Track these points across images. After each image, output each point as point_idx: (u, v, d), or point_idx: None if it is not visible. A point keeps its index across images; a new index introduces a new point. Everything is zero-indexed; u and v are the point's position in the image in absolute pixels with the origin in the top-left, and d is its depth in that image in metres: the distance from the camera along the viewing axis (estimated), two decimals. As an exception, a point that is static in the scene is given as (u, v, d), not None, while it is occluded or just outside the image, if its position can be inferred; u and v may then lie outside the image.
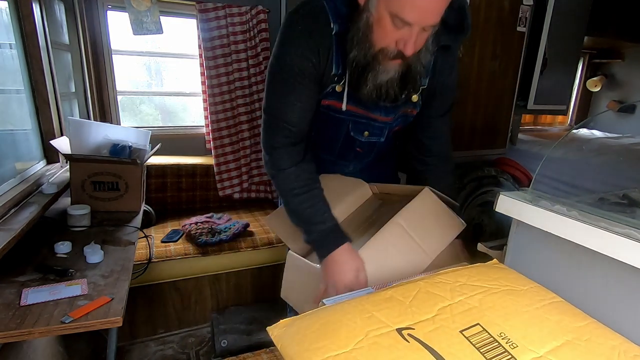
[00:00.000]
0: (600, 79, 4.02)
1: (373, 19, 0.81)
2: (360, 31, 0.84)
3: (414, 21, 0.77)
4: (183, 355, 1.80)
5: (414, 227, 0.96)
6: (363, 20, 0.83)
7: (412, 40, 0.80)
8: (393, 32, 0.80)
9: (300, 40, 0.88)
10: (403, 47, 0.81)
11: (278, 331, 0.60)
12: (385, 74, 0.87)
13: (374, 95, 0.90)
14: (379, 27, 0.81)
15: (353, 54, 0.87)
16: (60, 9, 1.87)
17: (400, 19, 0.77)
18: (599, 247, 0.62)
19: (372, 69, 0.87)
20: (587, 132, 3.78)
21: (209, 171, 2.38)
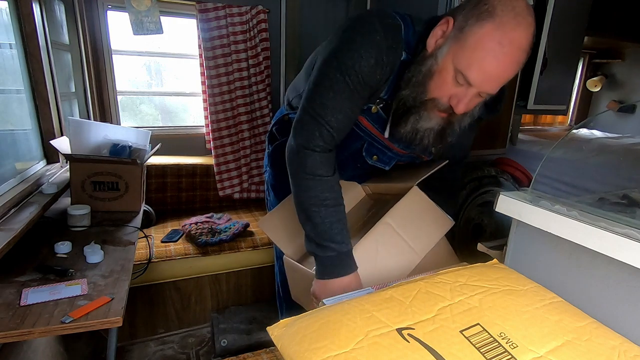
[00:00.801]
0: (600, 79, 4.02)
1: (436, 68, 0.81)
2: (421, 75, 0.84)
3: (476, 84, 0.78)
4: (183, 355, 1.80)
5: (403, 226, 0.96)
6: (427, 66, 0.83)
7: (466, 100, 0.81)
8: (451, 86, 0.81)
9: (377, 51, 0.84)
10: (456, 104, 0.82)
11: (278, 331, 0.60)
12: (427, 122, 0.87)
13: (408, 137, 0.91)
14: (440, 78, 0.81)
15: (405, 92, 0.86)
16: (60, 9, 1.87)
17: (463, 76, 0.78)
18: (599, 247, 0.62)
19: (416, 113, 0.87)
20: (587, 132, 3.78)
21: (209, 171, 2.38)
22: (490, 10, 0.73)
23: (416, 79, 0.84)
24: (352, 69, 0.84)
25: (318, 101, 0.89)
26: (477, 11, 0.74)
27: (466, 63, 0.77)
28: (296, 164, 0.94)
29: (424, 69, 0.83)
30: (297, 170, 0.94)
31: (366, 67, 0.84)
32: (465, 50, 0.76)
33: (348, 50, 0.85)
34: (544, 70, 2.15)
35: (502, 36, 0.73)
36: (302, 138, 0.91)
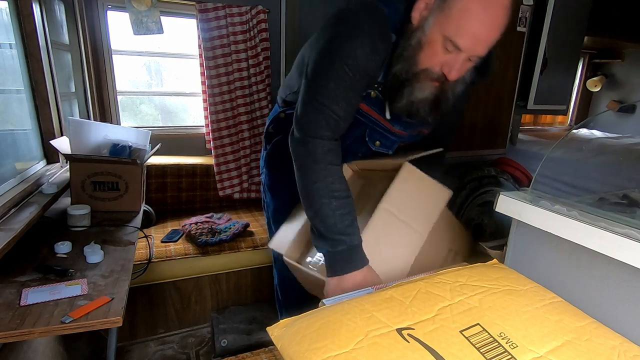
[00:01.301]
0: (600, 79, 4.02)
1: (425, 39, 0.83)
2: (411, 48, 0.86)
3: (465, 49, 0.80)
4: (183, 355, 1.80)
5: (402, 208, 0.95)
6: (415, 39, 0.85)
7: (458, 66, 0.83)
8: (442, 55, 0.83)
9: (370, 39, 0.86)
10: (448, 71, 0.84)
11: (278, 331, 0.60)
12: (420, 93, 0.89)
13: (405, 110, 0.92)
14: (429, 48, 0.83)
15: (397, 67, 0.88)
16: (60, 9, 1.87)
17: (452, 43, 0.80)
18: (599, 247, 0.62)
19: (409, 85, 0.89)
20: (587, 132, 3.79)
21: (209, 171, 2.38)
22: None
23: (407, 53, 0.86)
24: (350, 59, 0.86)
25: (320, 92, 0.89)
26: None
27: (454, 30, 0.79)
28: (304, 155, 0.93)
29: (413, 42, 0.85)
30: (305, 161, 0.93)
31: (362, 56, 0.86)
32: (451, 18, 0.79)
33: (342, 42, 0.87)
34: (544, 70, 2.15)
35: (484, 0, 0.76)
36: (308, 128, 0.92)
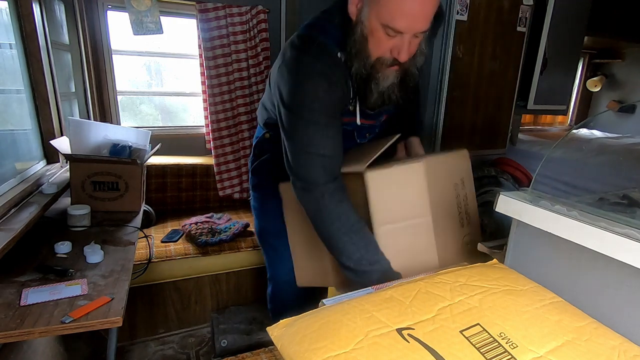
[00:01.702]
0: (600, 79, 4.02)
1: (367, 31, 0.85)
2: (357, 43, 0.88)
3: (405, 29, 0.81)
4: (183, 355, 1.80)
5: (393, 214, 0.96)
6: (358, 33, 0.87)
7: (405, 47, 0.84)
8: (386, 41, 0.84)
9: (326, 76, 0.90)
10: (397, 54, 0.85)
11: (278, 331, 0.60)
12: (385, 81, 0.91)
13: (379, 102, 0.95)
14: (373, 38, 0.85)
15: (355, 67, 0.90)
16: (60, 9, 1.87)
17: (391, 29, 0.81)
18: (599, 247, 0.62)
19: (373, 78, 0.91)
20: (587, 132, 3.78)
21: (209, 171, 2.38)
22: None
23: (355, 49, 0.88)
24: (314, 103, 0.90)
25: (304, 142, 0.93)
26: None
27: (389, 16, 0.80)
28: (313, 204, 0.96)
29: (357, 37, 0.87)
30: (315, 208, 0.96)
31: (324, 94, 0.90)
32: (382, 5, 0.80)
33: (301, 92, 0.91)
34: (544, 70, 2.15)
35: None
36: (308, 179, 0.95)
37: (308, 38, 0.93)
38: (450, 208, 1.04)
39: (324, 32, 0.92)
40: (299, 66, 0.91)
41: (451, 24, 1.70)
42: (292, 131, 0.95)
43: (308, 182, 0.95)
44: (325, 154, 0.93)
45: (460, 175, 1.07)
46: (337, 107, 0.95)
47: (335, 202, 0.94)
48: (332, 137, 0.94)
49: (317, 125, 0.91)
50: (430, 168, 0.98)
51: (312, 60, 0.90)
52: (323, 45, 0.91)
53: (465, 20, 1.73)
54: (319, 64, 0.90)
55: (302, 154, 0.94)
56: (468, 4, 1.71)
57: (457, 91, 1.82)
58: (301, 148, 0.94)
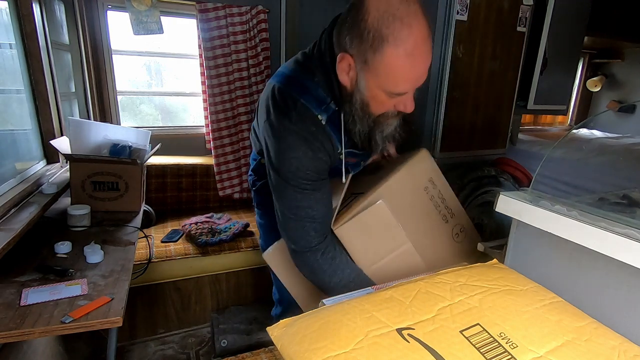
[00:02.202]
0: (600, 79, 4.01)
1: (367, 97, 0.82)
2: (358, 109, 0.85)
3: (410, 90, 0.80)
4: (183, 355, 1.80)
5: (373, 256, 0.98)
6: (357, 101, 0.84)
7: (410, 101, 0.82)
8: (390, 101, 0.82)
9: (309, 143, 0.88)
10: (403, 108, 0.83)
11: (278, 331, 0.60)
12: (389, 127, 0.90)
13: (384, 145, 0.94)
14: (375, 102, 0.83)
15: (357, 128, 0.88)
16: (60, 9, 1.87)
17: (395, 93, 0.79)
18: (599, 247, 0.62)
19: (377, 129, 0.89)
20: (587, 132, 3.78)
21: (209, 171, 2.38)
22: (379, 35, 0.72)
23: (357, 115, 0.86)
24: (300, 171, 0.89)
25: (293, 206, 0.92)
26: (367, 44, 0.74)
27: (391, 84, 0.77)
28: (308, 266, 0.98)
29: (357, 104, 0.84)
30: (310, 269, 0.98)
31: (309, 161, 0.88)
32: (383, 77, 0.77)
33: (286, 160, 0.89)
34: (544, 70, 2.15)
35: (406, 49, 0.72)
36: (299, 243, 0.95)
37: (289, 98, 0.89)
38: (428, 213, 1.05)
39: (304, 93, 0.88)
40: (281, 132, 0.89)
41: (451, 24, 1.70)
42: (280, 195, 0.94)
43: (300, 247, 0.95)
44: (315, 217, 0.93)
45: (427, 177, 1.06)
46: (324, 170, 0.93)
47: (329, 261, 0.95)
48: (320, 199, 0.93)
49: (304, 191, 0.91)
50: (393, 192, 0.98)
51: (294, 128, 0.88)
52: (303, 110, 0.88)
53: (465, 20, 1.73)
54: (302, 131, 0.87)
55: (291, 217, 0.94)
56: (468, 4, 1.71)
57: (457, 91, 1.82)
58: (291, 213, 0.93)
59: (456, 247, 1.07)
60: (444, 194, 1.08)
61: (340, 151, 0.95)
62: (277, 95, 0.90)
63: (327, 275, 0.96)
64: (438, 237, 1.05)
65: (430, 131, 1.84)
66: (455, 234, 1.07)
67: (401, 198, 1.00)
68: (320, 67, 0.88)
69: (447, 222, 1.07)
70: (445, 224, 1.07)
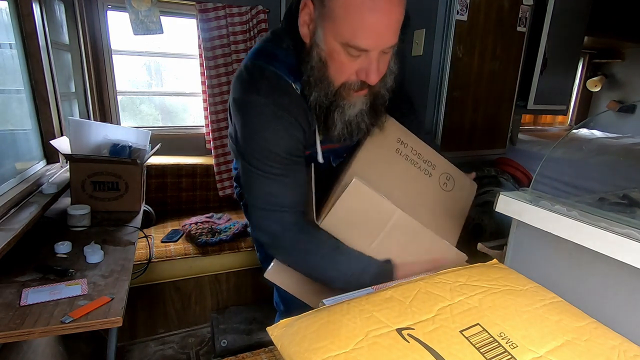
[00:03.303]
0: (600, 79, 4.02)
1: (325, 54, 0.73)
2: (315, 70, 0.75)
3: (371, 47, 0.69)
4: (183, 355, 1.80)
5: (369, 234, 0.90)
6: (314, 58, 0.75)
7: (374, 67, 0.72)
8: (350, 63, 0.72)
9: (282, 118, 0.78)
10: (365, 76, 0.73)
11: (278, 331, 0.59)
12: (352, 109, 0.80)
13: (345, 132, 0.83)
14: (334, 61, 0.73)
15: (314, 97, 0.78)
16: (60, 9, 1.87)
17: (354, 48, 0.69)
18: (599, 247, 0.62)
19: (337, 107, 0.79)
20: (587, 132, 3.78)
21: (209, 171, 2.38)
22: None
23: (314, 77, 0.76)
24: (269, 153, 0.79)
25: (261, 195, 0.83)
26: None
27: (349, 33, 0.68)
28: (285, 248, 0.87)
29: (314, 62, 0.75)
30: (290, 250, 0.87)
31: (279, 140, 0.79)
32: (340, 22, 0.68)
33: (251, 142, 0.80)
34: (544, 70, 2.15)
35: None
36: (273, 228, 0.85)
37: (256, 70, 0.79)
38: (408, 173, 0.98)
39: (273, 59, 0.79)
40: (248, 108, 0.79)
41: (451, 24, 1.70)
42: (248, 184, 0.85)
43: (274, 234, 0.85)
44: (285, 206, 0.83)
45: (394, 139, 0.99)
46: (297, 150, 0.83)
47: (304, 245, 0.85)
48: (291, 185, 0.83)
49: (273, 176, 0.81)
50: (366, 166, 0.92)
51: (263, 102, 0.77)
52: (274, 78, 0.78)
53: (465, 20, 1.73)
54: (272, 105, 0.77)
55: (260, 209, 0.84)
56: (468, 4, 1.71)
57: (457, 91, 1.82)
58: (258, 202, 0.84)
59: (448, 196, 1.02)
60: (418, 149, 1.01)
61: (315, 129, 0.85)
62: (244, 70, 0.81)
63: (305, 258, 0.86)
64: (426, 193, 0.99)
65: (430, 131, 1.85)
66: (443, 183, 1.02)
67: (376, 168, 0.94)
68: (289, 32, 0.79)
69: (430, 176, 1.01)
70: (430, 177, 1.01)
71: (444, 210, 1.00)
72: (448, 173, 1.04)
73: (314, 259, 0.85)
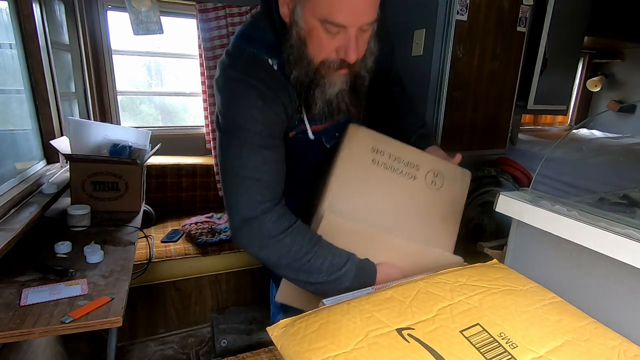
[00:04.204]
0: (600, 79, 4.02)
1: (303, 32, 0.74)
2: (294, 48, 0.76)
3: (348, 22, 0.70)
4: (183, 355, 1.80)
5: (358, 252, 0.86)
6: (294, 36, 0.75)
7: (353, 44, 0.72)
8: (329, 40, 0.73)
9: (260, 92, 0.78)
10: (345, 54, 0.73)
11: (278, 331, 0.59)
12: (332, 88, 0.80)
13: (325, 111, 0.83)
14: (312, 39, 0.74)
15: (294, 75, 0.79)
16: (60, 9, 1.87)
17: (332, 24, 0.70)
18: (599, 247, 0.62)
19: (317, 85, 0.79)
20: (587, 132, 3.78)
21: (209, 171, 2.38)
22: None
23: (293, 56, 0.77)
24: (248, 122, 0.78)
25: (236, 164, 0.79)
26: None
27: (326, 9, 0.69)
28: (255, 240, 0.81)
29: (293, 41, 0.76)
30: (259, 244, 0.81)
31: (258, 113, 0.78)
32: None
33: (231, 111, 0.79)
34: (544, 70, 2.15)
35: None
36: (244, 210, 0.80)
37: (235, 51, 0.81)
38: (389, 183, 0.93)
39: (250, 41, 0.81)
40: (226, 82, 0.80)
41: (451, 24, 1.70)
42: (224, 155, 0.81)
43: (244, 216, 0.80)
44: (262, 179, 0.79)
45: (368, 149, 0.93)
46: (277, 126, 0.82)
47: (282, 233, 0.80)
48: (269, 161, 0.80)
49: (251, 146, 0.78)
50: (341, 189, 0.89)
51: (240, 77, 0.78)
52: (251, 57, 0.79)
53: (465, 20, 1.73)
54: (250, 79, 0.78)
55: (234, 179, 0.80)
56: (468, 4, 1.71)
57: (457, 91, 1.82)
58: (233, 173, 0.80)
59: (439, 195, 0.96)
60: (396, 153, 0.94)
61: (298, 106, 0.84)
62: (225, 55, 0.83)
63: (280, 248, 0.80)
64: (414, 199, 0.94)
65: (430, 131, 1.85)
66: (431, 182, 0.96)
67: (352, 188, 0.90)
68: (265, 11, 0.81)
69: (415, 179, 0.95)
70: (414, 180, 0.95)
71: (436, 211, 0.95)
72: (434, 169, 0.97)
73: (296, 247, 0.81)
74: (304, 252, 0.81)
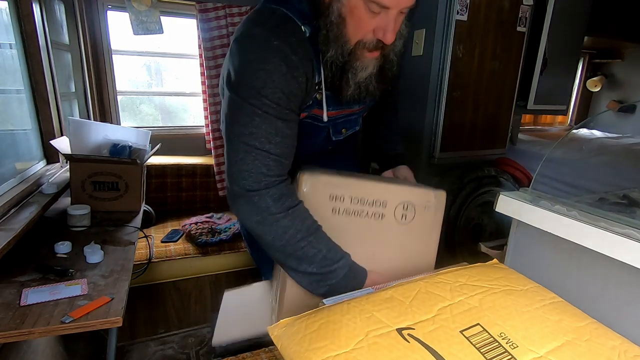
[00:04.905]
0: (600, 79, 4.02)
1: (345, 9, 0.73)
2: (334, 25, 0.75)
3: (392, 4, 0.71)
4: (183, 355, 1.80)
5: None
6: (334, 12, 0.74)
7: (392, 26, 0.73)
8: (369, 20, 0.73)
9: (285, 56, 0.74)
10: (382, 35, 0.74)
11: (278, 331, 0.59)
12: (364, 71, 0.80)
13: (355, 95, 0.83)
14: (353, 18, 0.73)
15: (330, 54, 0.77)
16: (60, 9, 1.87)
17: (375, 3, 0.70)
18: (599, 247, 0.62)
19: (351, 67, 0.79)
20: (587, 132, 3.78)
21: (209, 171, 2.38)
22: None
23: (332, 34, 0.75)
24: (266, 88, 0.74)
25: (245, 131, 0.75)
26: None
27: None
28: (254, 214, 0.78)
29: (333, 17, 0.74)
30: (258, 219, 0.78)
31: (280, 79, 0.74)
32: None
33: (251, 74, 0.74)
34: (544, 70, 2.15)
35: None
36: (246, 181, 0.76)
37: (265, 11, 0.78)
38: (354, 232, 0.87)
39: (285, 3, 0.77)
40: (251, 41, 0.75)
41: (451, 24, 1.70)
42: (232, 119, 0.77)
43: (247, 187, 0.76)
44: (270, 150, 0.75)
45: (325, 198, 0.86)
46: (296, 98, 0.78)
47: (283, 211, 0.77)
48: (282, 133, 0.76)
49: (265, 114, 0.74)
50: None
51: (268, 35, 0.74)
52: (284, 17, 0.76)
53: (465, 20, 1.73)
54: (278, 40, 0.73)
55: (240, 145, 0.75)
56: (468, 4, 1.71)
57: (457, 91, 1.82)
58: (240, 141, 0.75)
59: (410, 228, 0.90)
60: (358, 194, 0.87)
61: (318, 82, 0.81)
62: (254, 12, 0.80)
63: (280, 227, 0.77)
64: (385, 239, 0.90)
65: (430, 131, 1.85)
66: (401, 216, 0.89)
67: None
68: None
69: (382, 217, 0.88)
70: (382, 220, 0.88)
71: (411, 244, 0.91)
72: (404, 201, 0.89)
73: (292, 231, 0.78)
74: (299, 238, 0.78)
